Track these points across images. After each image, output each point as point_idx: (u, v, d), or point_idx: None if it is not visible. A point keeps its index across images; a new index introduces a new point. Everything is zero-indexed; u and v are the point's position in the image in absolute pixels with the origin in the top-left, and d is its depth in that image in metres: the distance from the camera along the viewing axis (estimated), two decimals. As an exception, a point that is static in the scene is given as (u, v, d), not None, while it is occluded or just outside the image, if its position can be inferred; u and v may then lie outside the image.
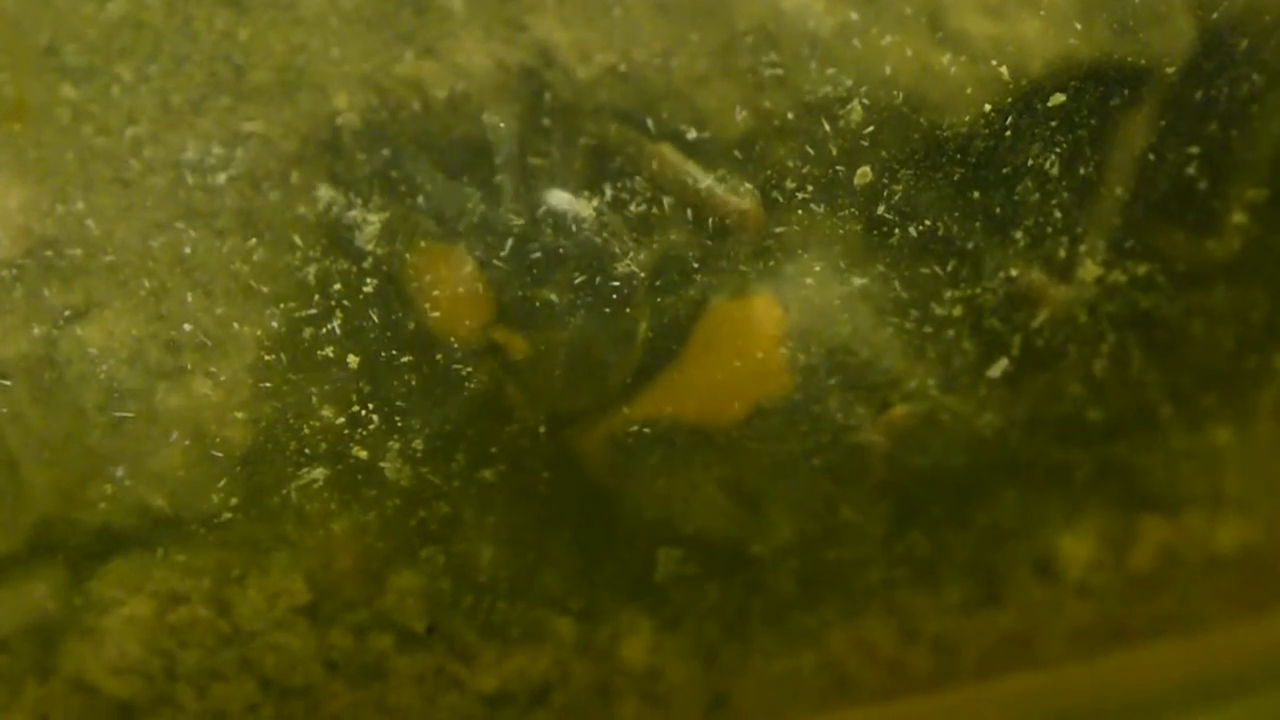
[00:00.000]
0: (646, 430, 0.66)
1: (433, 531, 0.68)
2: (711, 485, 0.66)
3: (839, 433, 0.66)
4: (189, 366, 0.65)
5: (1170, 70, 0.68)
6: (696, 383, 0.65)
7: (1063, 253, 0.68)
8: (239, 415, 0.65)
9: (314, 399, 0.66)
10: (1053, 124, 0.67)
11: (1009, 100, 0.67)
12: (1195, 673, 0.76)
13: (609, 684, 0.71)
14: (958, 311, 0.68)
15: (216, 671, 0.68)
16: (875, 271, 0.68)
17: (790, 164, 0.66)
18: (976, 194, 0.68)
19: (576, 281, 0.63)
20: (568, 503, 0.69)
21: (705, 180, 0.65)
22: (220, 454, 0.66)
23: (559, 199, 0.64)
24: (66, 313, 0.64)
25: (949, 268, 0.68)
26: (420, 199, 0.64)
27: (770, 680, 0.72)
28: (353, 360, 0.65)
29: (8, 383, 0.64)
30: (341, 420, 0.66)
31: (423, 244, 0.63)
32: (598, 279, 0.64)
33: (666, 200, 0.65)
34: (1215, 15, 0.68)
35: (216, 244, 0.64)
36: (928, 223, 0.68)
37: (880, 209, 0.67)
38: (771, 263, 0.67)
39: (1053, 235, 0.68)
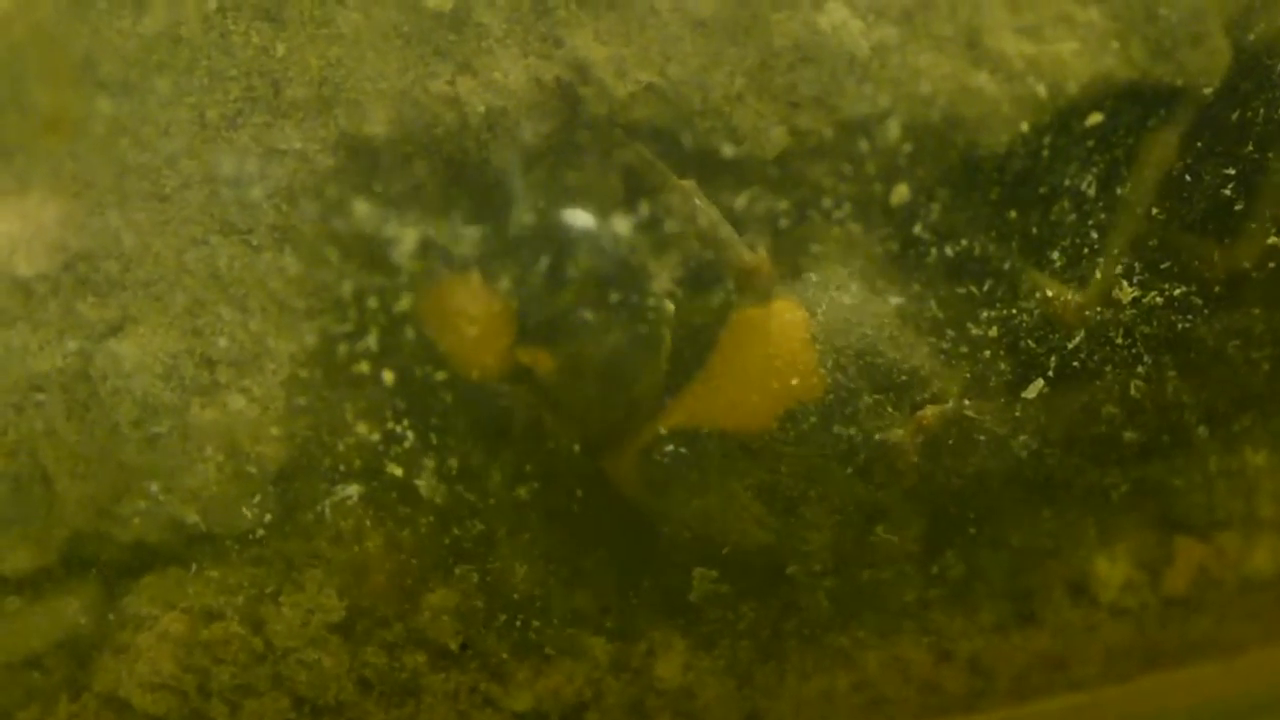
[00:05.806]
0: (679, 441, 0.66)
1: (467, 549, 0.68)
2: (748, 493, 0.66)
3: (870, 434, 0.65)
4: (223, 382, 0.65)
5: (1207, 91, 0.68)
6: (727, 390, 0.65)
7: (1099, 273, 0.68)
8: (273, 431, 0.65)
9: (349, 415, 0.66)
10: (1090, 144, 0.67)
11: (1046, 120, 0.67)
12: (1231, 696, 0.75)
13: (643, 703, 0.71)
14: (994, 332, 0.68)
15: (249, 688, 0.68)
16: (911, 290, 0.67)
17: (827, 182, 0.66)
18: (1013, 213, 0.68)
19: (598, 294, 0.63)
20: (602, 521, 0.68)
21: (723, 228, 0.64)
22: (254, 470, 0.65)
23: (578, 217, 0.63)
24: (101, 327, 0.64)
25: (985, 288, 0.68)
26: (455, 214, 0.64)
27: (804, 700, 0.72)
28: (388, 376, 0.65)
29: (42, 397, 0.64)
30: (376, 437, 0.66)
31: (435, 281, 0.63)
32: (621, 293, 0.63)
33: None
34: (1252, 36, 0.68)
35: (252, 259, 0.64)
36: (964, 242, 0.67)
37: (917, 228, 0.67)
38: (807, 272, 0.67)
39: (1089, 256, 0.68)
